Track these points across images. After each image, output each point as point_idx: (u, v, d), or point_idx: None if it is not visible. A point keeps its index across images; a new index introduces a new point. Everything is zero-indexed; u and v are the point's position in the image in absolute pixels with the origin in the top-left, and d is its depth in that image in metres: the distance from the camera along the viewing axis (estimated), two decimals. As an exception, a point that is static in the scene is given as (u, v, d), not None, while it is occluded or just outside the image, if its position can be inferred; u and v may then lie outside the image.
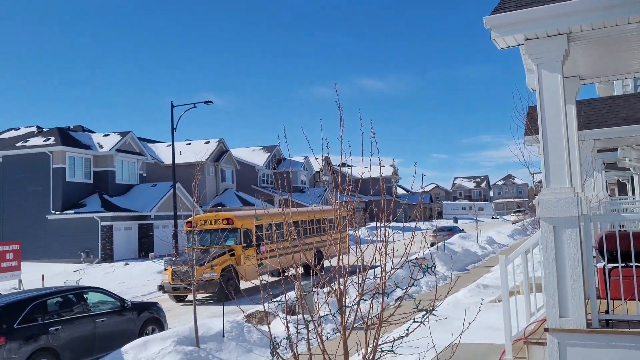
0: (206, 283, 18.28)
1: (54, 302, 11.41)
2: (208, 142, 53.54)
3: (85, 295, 12.10)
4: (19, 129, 47.47)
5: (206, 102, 34.69)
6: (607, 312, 5.99)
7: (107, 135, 43.69)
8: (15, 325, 10.24)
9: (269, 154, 62.06)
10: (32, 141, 40.55)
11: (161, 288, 20.18)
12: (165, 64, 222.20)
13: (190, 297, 20.14)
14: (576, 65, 7.53)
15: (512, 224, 60.08)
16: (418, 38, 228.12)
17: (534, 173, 18.55)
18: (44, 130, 43.45)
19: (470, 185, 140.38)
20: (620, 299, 6.17)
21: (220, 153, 53.33)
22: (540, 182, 9.20)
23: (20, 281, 23.81)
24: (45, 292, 11.74)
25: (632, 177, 23.35)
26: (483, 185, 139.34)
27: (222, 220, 21.34)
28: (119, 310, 12.39)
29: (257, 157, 61.77)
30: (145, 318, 12.95)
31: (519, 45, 6.22)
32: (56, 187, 38.53)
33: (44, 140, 39.85)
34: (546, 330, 5.96)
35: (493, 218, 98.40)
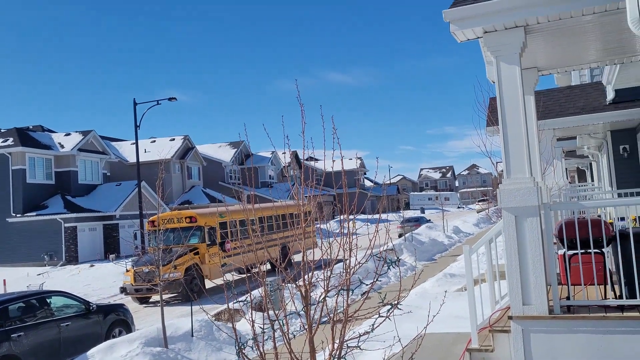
0: (170, 283, 18.08)
1: (16, 307, 11.12)
2: (173, 140, 52.84)
3: (48, 300, 11.82)
4: (-25, 130, 46.01)
5: (170, 99, 34.20)
6: (568, 298, 6.13)
7: (69, 134, 42.72)
8: (-25, 334, 9.94)
9: (235, 149, 61.62)
10: (-10, 142, 39.36)
11: (123, 290, 19.75)
12: (126, 61, 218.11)
13: (154, 298, 19.86)
14: (534, 56, 7.65)
15: (477, 212, 61.05)
16: (382, 31, 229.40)
17: (497, 162, 18.88)
18: (2, 131, 42.18)
19: (436, 175, 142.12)
20: (581, 285, 6.32)
21: (186, 150, 52.70)
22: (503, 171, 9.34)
23: (-20, 287, 23.15)
24: (7, 297, 11.42)
25: (590, 164, 23.97)
26: (448, 175, 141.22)
27: (185, 218, 21.09)
28: (84, 313, 12.15)
29: (223, 154, 61.25)
30: (112, 320, 12.73)
31: (478, 38, 6.29)
32: (16, 189, 37.51)
33: (2, 142, 38.72)
34: (510, 318, 6.07)
35: (459, 207, 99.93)
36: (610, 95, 12.27)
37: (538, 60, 7.99)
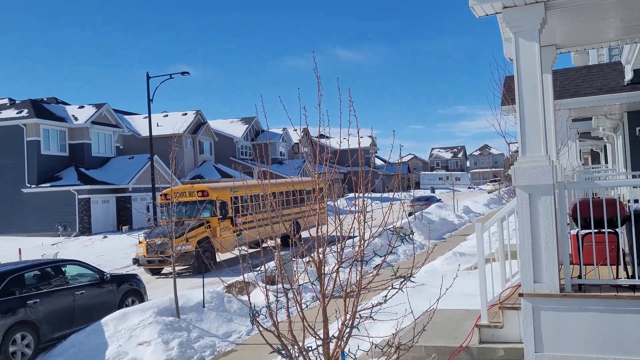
0: (182, 255, 18.27)
1: (32, 275, 11.32)
2: (185, 114, 52.89)
3: (63, 268, 12.02)
4: (-10, 101, 46.33)
5: (182, 73, 34.17)
6: (579, 277, 6.15)
7: (82, 107, 42.87)
8: (-8, 299, 10.15)
9: (247, 125, 61.60)
10: (5, 113, 39.61)
11: (136, 261, 20.07)
12: (138, 35, 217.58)
13: (166, 269, 20.11)
14: (553, 34, 7.56)
15: (488, 193, 60.84)
16: (392, 7, 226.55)
17: (510, 143, 18.74)
18: (17, 102, 42.43)
19: (447, 155, 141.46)
20: (593, 265, 6.33)
21: (198, 125, 52.78)
22: (516, 151, 9.29)
23: (-4, 255, 23.55)
24: (23, 265, 11.63)
25: (605, 147, 23.74)
26: (460, 155, 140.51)
27: (198, 192, 21.21)
28: (98, 282, 12.35)
29: (235, 129, 61.28)
30: (125, 290, 12.93)
31: (497, 13, 6.22)
32: (31, 161, 37.85)
33: (17, 113, 38.96)
34: (521, 295, 6.10)
35: (469, 188, 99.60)
36: (628, 75, 12.10)
37: (557, 38, 7.89)
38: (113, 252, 27.81)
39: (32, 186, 37.72)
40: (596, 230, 6.19)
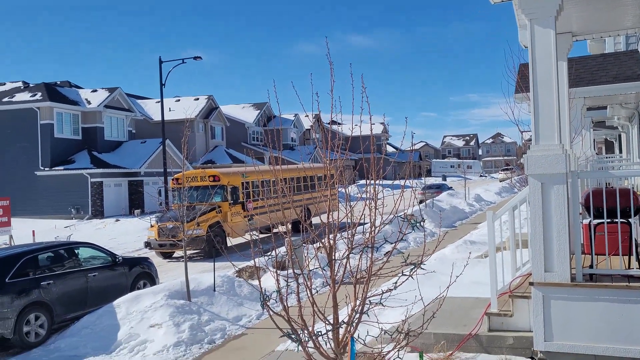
0: (193, 240, 18.39)
1: (45, 257, 11.45)
2: (197, 99, 52.95)
3: (76, 251, 12.15)
4: (4, 84, 46.59)
5: (195, 58, 34.16)
6: (591, 266, 6.12)
7: (95, 91, 43.04)
8: (6, 280, 10.29)
9: (258, 111, 61.57)
10: (19, 96, 39.87)
11: (147, 245, 20.25)
12: (152, 20, 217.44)
13: (177, 253, 20.27)
14: (569, 21, 7.47)
15: (500, 181, 60.50)
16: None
17: (523, 131, 18.59)
18: (31, 85, 42.68)
19: (459, 143, 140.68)
20: (605, 255, 6.31)
21: (210, 110, 52.83)
22: (529, 140, 9.23)
23: (10, 237, 23.81)
24: (37, 247, 11.77)
25: (619, 136, 23.50)
26: (472, 143, 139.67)
27: (209, 177, 21.30)
28: (110, 265, 12.48)
29: (247, 114, 61.27)
30: (137, 273, 13.06)
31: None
32: (44, 144, 38.14)
33: (31, 96, 39.20)
34: (531, 284, 6.10)
35: (481, 176, 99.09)
36: (645, 64, 11.95)
37: (573, 25, 7.79)
38: (125, 235, 28.06)
39: (46, 169, 38.05)
40: (609, 220, 6.16)
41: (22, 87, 42.98)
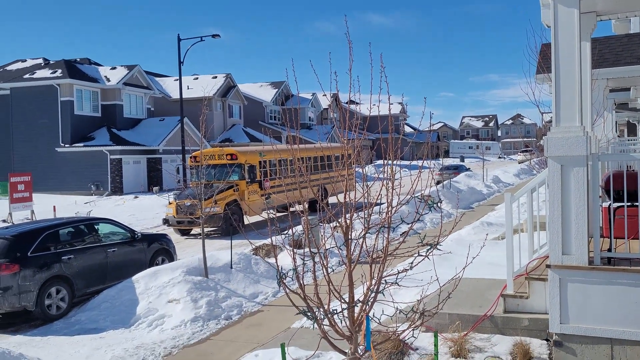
0: (210, 217, 18.55)
1: (66, 232, 11.66)
2: (215, 77, 52.96)
3: (96, 226, 12.34)
4: (25, 60, 47.01)
5: (213, 36, 34.14)
6: (609, 250, 6.08)
7: (114, 68, 43.25)
8: (28, 254, 10.51)
9: (276, 90, 61.45)
10: (39, 73, 40.22)
11: (166, 221, 20.52)
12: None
13: (195, 230, 20.48)
14: (594, 0, 7.31)
15: (519, 163, 59.96)
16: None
17: (543, 112, 18.34)
18: (51, 62, 43.00)
19: (478, 124, 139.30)
20: (624, 238, 6.25)
21: (228, 88, 52.85)
22: (550, 122, 9.11)
23: (32, 212, 24.25)
24: (58, 222, 11.98)
25: (643, 118, 23.06)
26: (491, 124, 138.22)
27: (226, 155, 21.39)
28: (129, 241, 12.66)
29: (264, 93, 61.20)
30: (155, 249, 13.24)
31: (536, -22, 6.03)
32: (65, 120, 38.55)
33: (51, 73, 39.53)
34: (548, 266, 6.07)
35: (500, 157, 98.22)
36: (671, 45, 11.68)
37: (597, 4, 7.63)
38: (143, 211, 28.39)
39: (66, 146, 38.50)
40: (629, 204, 6.09)
41: (42, 64, 43.34)
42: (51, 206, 26.17)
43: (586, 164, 5.86)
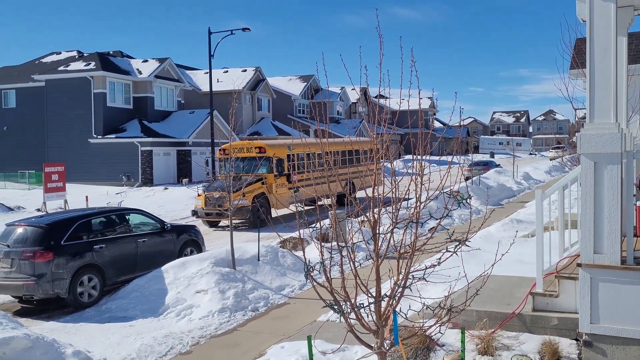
0: (239, 209, 18.70)
1: (98, 221, 11.89)
2: (245, 71, 53.27)
3: (127, 217, 12.55)
4: (60, 53, 48.02)
5: (244, 29, 34.25)
6: (643, 249, 5.95)
7: (146, 61, 43.84)
8: (62, 242, 10.76)
9: (305, 83, 61.50)
10: (73, 66, 41.01)
11: (194, 213, 20.77)
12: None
13: (223, 222, 20.68)
14: (632, -7, 7.14)
15: (550, 160, 58.90)
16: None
17: (577, 109, 17.99)
18: (85, 55, 43.81)
19: (509, 120, 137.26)
20: (658, 238, 6.12)
21: (257, 82, 53.11)
22: (583, 118, 8.93)
23: (65, 201, 24.81)
24: (90, 212, 12.23)
25: (681, 115, 22.45)
26: (522, 120, 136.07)
27: (255, 148, 21.52)
28: (159, 231, 12.85)
29: (293, 87, 61.32)
30: (184, 240, 13.41)
31: (572, -29, 5.91)
32: (97, 112, 39.26)
33: (85, 65, 40.26)
34: (579, 265, 5.98)
35: (531, 154, 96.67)
36: None
37: (636, -2, 7.45)
38: (173, 203, 28.78)
39: (99, 137, 39.22)
40: (664, 203, 5.95)
41: (76, 57, 44.20)
42: (83, 196, 26.72)
43: (620, 162, 5.75)
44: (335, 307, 4.73)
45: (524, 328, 6.93)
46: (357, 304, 4.75)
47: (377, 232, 4.66)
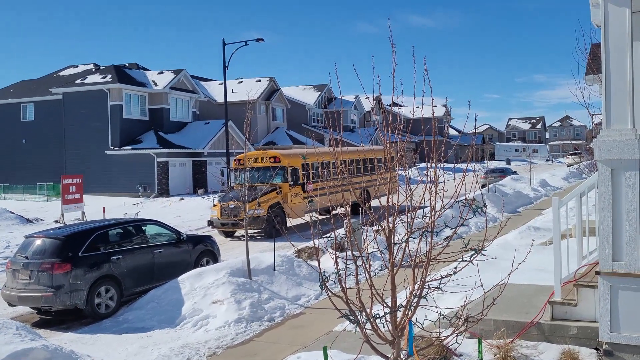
0: (254, 219, 18.75)
1: (115, 232, 11.99)
2: (259, 81, 53.56)
3: (143, 227, 12.64)
4: (77, 66, 48.70)
5: (257, 40, 34.48)
6: (663, 257, 5.86)
7: (161, 73, 44.28)
8: (80, 254, 10.86)
9: (319, 92, 61.66)
10: (90, 78, 41.57)
11: (210, 223, 20.85)
12: (214, 2, 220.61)
13: (238, 232, 20.73)
14: (647, -2, 7.07)
15: (567, 166, 58.35)
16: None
17: (593, 114, 17.82)
18: (101, 67, 44.39)
19: (525, 126, 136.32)
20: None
21: (271, 92, 53.36)
22: (600, 124, 8.85)
23: (83, 212, 25.06)
24: (107, 223, 12.34)
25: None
26: (538, 126, 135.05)
27: (270, 158, 21.59)
28: (175, 242, 12.92)
29: (307, 96, 61.50)
30: (200, 250, 13.47)
31: (585, -23, 5.89)
32: (114, 124, 39.68)
33: (101, 78, 40.78)
34: (598, 273, 5.91)
35: (547, 160, 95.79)
36: None
37: (651, 3, 7.37)
38: (189, 213, 28.93)
39: (115, 148, 39.63)
40: (684, 209, 5.86)
41: (93, 69, 44.80)
42: (101, 207, 26.97)
43: (638, 168, 5.68)
44: (351, 317, 4.71)
45: (542, 337, 6.84)
46: (373, 314, 4.73)
47: (392, 241, 4.64)
